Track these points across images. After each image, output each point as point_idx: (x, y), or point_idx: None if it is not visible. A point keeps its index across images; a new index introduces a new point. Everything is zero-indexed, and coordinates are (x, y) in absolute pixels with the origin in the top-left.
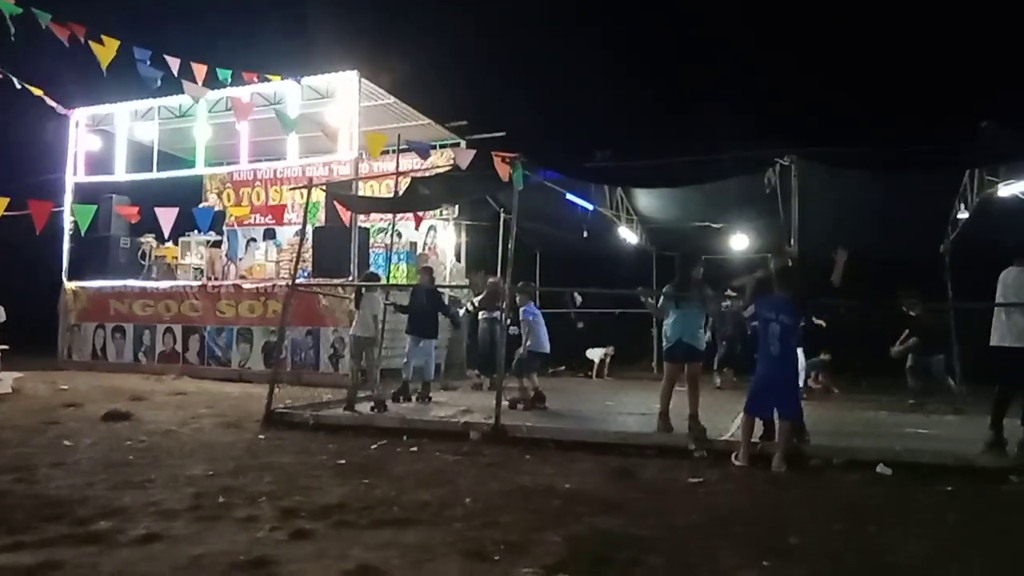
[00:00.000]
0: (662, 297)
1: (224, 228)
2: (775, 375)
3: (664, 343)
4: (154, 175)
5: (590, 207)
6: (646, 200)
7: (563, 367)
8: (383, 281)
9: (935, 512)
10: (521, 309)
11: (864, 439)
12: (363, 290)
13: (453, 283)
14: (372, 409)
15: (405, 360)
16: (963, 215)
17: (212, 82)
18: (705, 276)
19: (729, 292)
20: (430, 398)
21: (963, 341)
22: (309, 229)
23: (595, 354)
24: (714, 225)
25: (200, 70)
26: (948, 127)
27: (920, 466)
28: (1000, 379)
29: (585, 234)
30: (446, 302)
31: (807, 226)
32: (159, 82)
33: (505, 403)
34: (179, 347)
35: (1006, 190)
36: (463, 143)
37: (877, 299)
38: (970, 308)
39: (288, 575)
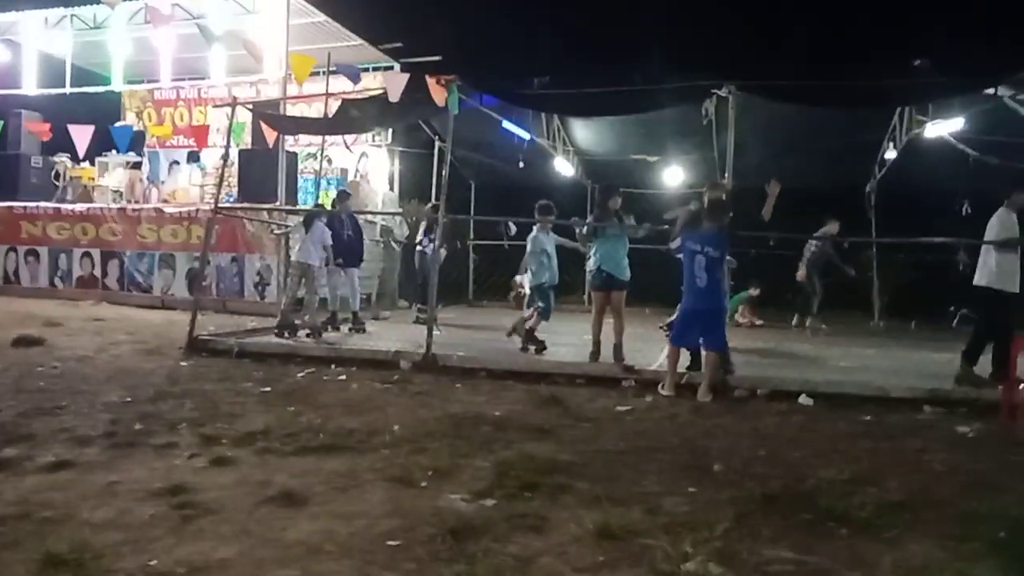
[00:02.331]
0: (583, 228)
1: (145, 149)
2: (701, 307)
3: (588, 274)
4: (67, 90)
5: (527, 136)
6: (583, 132)
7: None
8: (323, 215)
9: (854, 440)
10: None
11: (787, 370)
12: (313, 218)
13: (386, 211)
14: (308, 336)
15: (330, 291)
16: (891, 154)
17: None
18: (626, 206)
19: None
20: (363, 328)
21: (884, 277)
22: (234, 152)
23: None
24: (650, 159)
25: None
26: (882, 64)
27: (840, 396)
28: (983, 318)
29: (521, 164)
30: (377, 231)
31: (741, 159)
32: None
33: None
34: (98, 272)
35: (933, 130)
36: (397, 66)
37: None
38: (893, 243)
39: (207, 502)
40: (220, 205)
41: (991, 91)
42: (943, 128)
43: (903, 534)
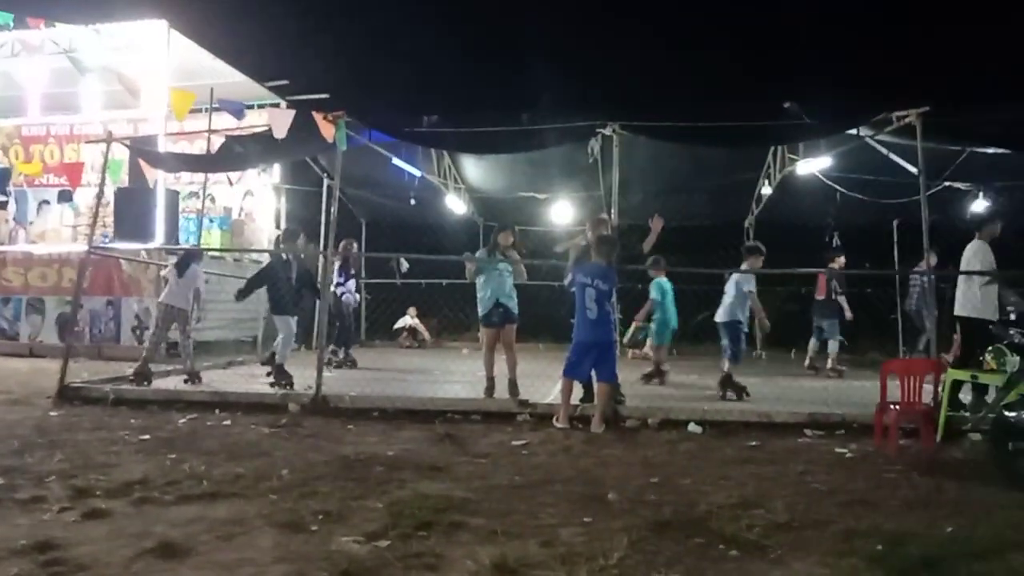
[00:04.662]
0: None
1: (11, 188)
2: (593, 339)
3: (480, 309)
4: None
5: (418, 174)
6: (473, 169)
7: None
8: (202, 257)
9: (741, 465)
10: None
11: (676, 400)
12: (190, 261)
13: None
14: (185, 382)
15: (283, 342)
16: (767, 191)
17: None
18: (519, 240)
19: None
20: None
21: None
22: (110, 190)
23: (404, 321)
24: (539, 196)
25: None
26: (755, 106)
27: (727, 423)
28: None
29: (413, 202)
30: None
31: (626, 197)
32: None
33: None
34: None
35: (804, 168)
36: (283, 103)
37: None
38: (771, 275)
39: (78, 558)
40: (95, 246)
41: (854, 132)
42: (813, 166)
43: (788, 553)
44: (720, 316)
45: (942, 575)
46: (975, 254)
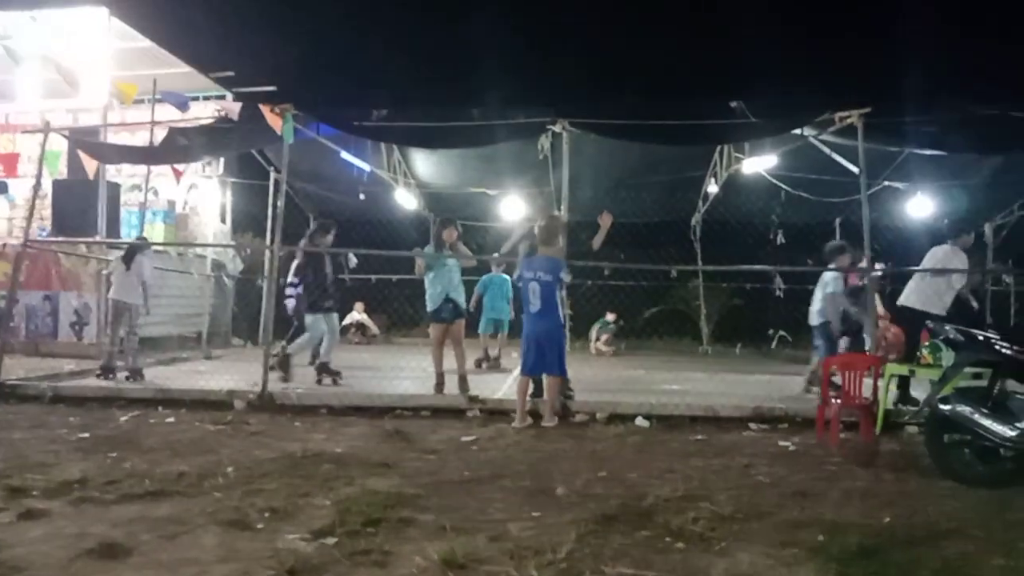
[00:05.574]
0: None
1: None
2: (540, 332)
3: (429, 304)
4: None
5: (367, 168)
6: (423, 164)
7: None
8: (148, 248)
9: (687, 458)
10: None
11: (624, 395)
12: (135, 252)
13: (218, 244)
14: (127, 378)
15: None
16: (713, 189)
17: None
18: (463, 237)
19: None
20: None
21: (710, 305)
22: (48, 182)
23: (352, 317)
24: (490, 192)
25: None
26: (702, 105)
27: (674, 418)
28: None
29: (362, 197)
30: (208, 265)
31: (576, 193)
32: None
33: None
34: None
35: (749, 166)
36: (229, 95)
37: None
38: (717, 272)
39: (13, 560)
40: (32, 239)
41: (798, 131)
42: (759, 165)
43: (733, 544)
44: (812, 319)
45: (880, 563)
46: (949, 257)
